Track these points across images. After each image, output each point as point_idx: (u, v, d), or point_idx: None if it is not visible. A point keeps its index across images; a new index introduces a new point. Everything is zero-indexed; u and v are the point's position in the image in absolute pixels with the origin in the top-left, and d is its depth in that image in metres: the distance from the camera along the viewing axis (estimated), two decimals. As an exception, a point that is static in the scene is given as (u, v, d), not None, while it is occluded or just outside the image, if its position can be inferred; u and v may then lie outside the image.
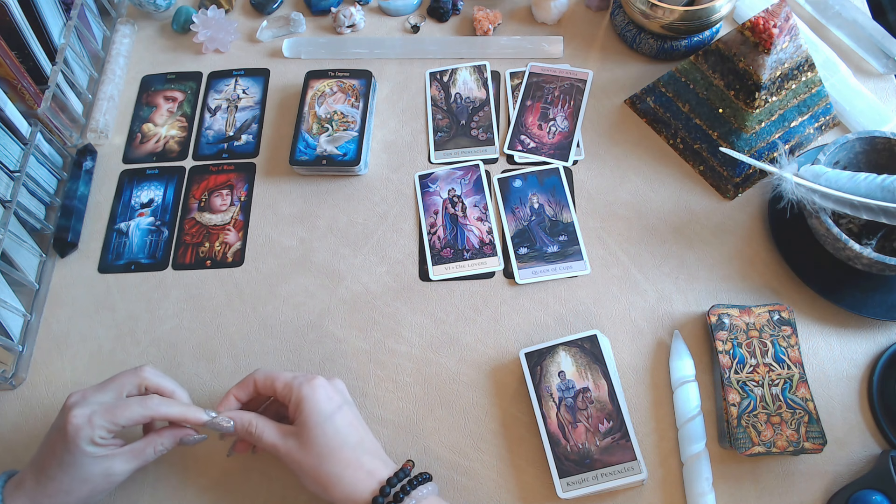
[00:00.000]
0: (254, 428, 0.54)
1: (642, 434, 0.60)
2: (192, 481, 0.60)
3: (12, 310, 0.65)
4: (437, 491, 0.53)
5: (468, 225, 0.71)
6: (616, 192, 0.72)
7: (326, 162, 0.73)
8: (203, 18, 0.83)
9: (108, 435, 0.51)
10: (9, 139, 0.67)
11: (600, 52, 0.81)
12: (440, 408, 0.62)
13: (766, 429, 0.56)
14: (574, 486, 0.56)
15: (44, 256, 0.70)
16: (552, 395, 0.59)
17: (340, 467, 0.51)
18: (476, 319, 0.66)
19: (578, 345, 0.61)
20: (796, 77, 0.68)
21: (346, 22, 0.83)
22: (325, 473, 0.51)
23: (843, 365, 0.62)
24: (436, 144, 0.76)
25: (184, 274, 0.70)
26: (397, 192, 0.74)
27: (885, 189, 0.59)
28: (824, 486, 0.57)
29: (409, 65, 0.82)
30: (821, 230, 0.61)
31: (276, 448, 0.53)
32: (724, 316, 0.61)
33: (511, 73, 0.80)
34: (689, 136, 0.73)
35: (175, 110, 0.80)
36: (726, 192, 0.71)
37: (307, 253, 0.71)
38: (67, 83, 0.76)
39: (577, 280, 0.67)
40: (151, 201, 0.75)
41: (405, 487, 0.51)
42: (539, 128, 0.76)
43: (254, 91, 0.81)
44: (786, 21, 0.64)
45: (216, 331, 0.67)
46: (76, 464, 0.50)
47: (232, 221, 0.73)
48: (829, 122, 0.73)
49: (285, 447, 0.52)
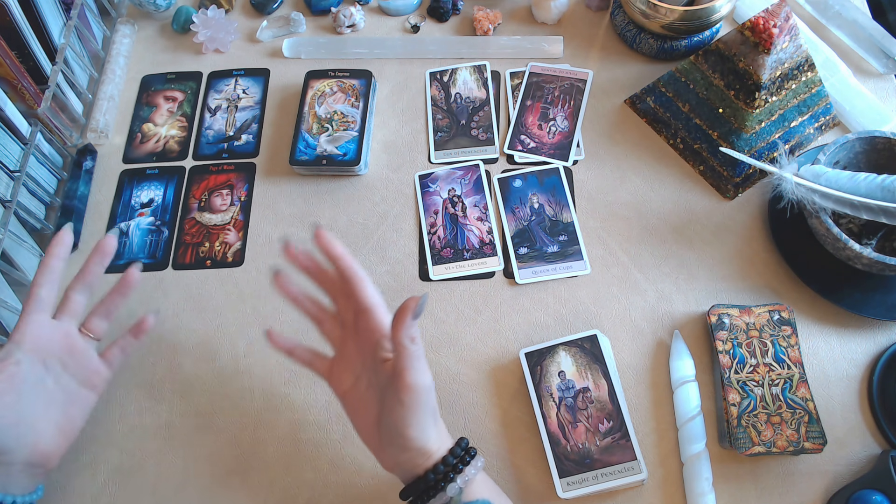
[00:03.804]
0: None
1: (642, 434, 0.60)
2: (192, 481, 0.60)
3: (12, 310, 0.65)
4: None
5: (468, 225, 0.71)
6: (616, 192, 0.72)
7: (326, 162, 0.73)
8: (203, 18, 0.83)
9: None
10: (9, 139, 0.67)
11: (600, 52, 0.81)
12: (440, 408, 0.62)
13: (766, 429, 0.56)
14: (574, 485, 0.56)
15: (44, 256, 0.70)
16: (552, 394, 0.59)
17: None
18: (476, 319, 0.66)
19: (578, 345, 0.61)
20: (796, 77, 0.68)
21: (346, 22, 0.83)
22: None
23: (843, 365, 0.62)
24: (436, 144, 0.76)
25: (184, 274, 0.70)
26: (397, 192, 0.74)
27: (885, 189, 0.59)
28: (824, 486, 0.57)
29: (409, 65, 0.82)
30: (821, 230, 0.61)
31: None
32: (724, 316, 0.61)
33: (511, 73, 0.80)
34: (689, 136, 0.73)
35: (175, 110, 0.80)
36: (726, 192, 0.71)
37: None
38: (67, 83, 0.76)
39: (577, 280, 0.67)
40: (151, 201, 0.75)
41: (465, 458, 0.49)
42: (539, 128, 0.76)
43: (254, 91, 0.81)
44: (786, 21, 0.64)
45: (216, 331, 0.67)
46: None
47: (232, 221, 0.73)
48: (829, 122, 0.73)
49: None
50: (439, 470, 0.48)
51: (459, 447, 0.50)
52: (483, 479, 0.50)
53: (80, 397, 0.57)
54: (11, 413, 0.51)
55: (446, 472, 0.48)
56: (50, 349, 0.56)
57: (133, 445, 0.62)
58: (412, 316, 0.47)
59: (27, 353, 0.54)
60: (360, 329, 0.52)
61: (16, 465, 0.51)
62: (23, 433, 0.52)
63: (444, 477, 0.48)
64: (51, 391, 0.55)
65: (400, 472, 0.50)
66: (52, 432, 0.54)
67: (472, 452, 0.50)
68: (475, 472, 0.49)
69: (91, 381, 0.58)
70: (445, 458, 0.48)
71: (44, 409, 0.54)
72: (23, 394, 0.52)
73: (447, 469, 0.48)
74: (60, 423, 0.55)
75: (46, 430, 0.53)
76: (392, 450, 0.49)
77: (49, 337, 0.56)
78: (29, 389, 0.53)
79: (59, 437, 0.54)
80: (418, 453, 0.48)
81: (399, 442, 0.48)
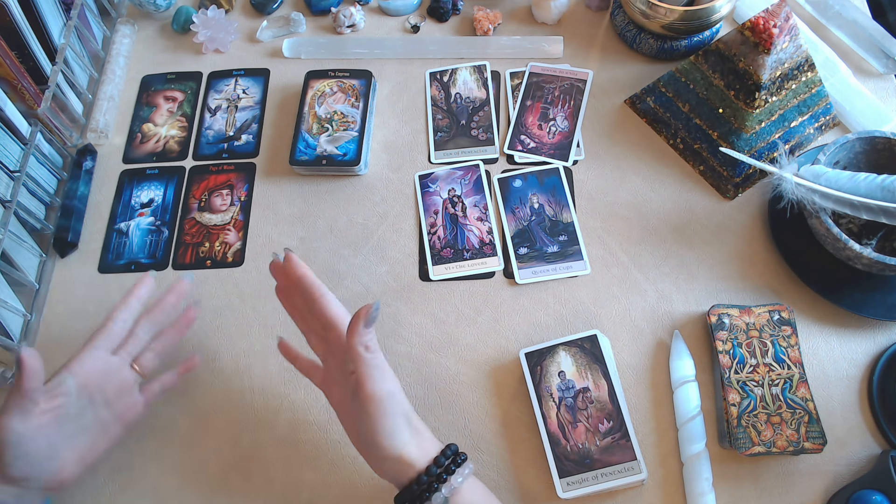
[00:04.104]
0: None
1: (642, 434, 0.60)
2: (192, 481, 0.60)
3: (12, 310, 0.65)
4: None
5: (468, 225, 0.71)
6: (616, 192, 0.72)
7: (326, 162, 0.73)
8: (203, 18, 0.83)
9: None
10: (9, 139, 0.67)
11: (600, 52, 0.81)
12: (440, 408, 0.62)
13: (766, 429, 0.56)
14: (574, 485, 0.56)
15: (44, 256, 0.70)
16: (552, 395, 0.59)
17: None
18: (476, 319, 0.66)
19: (578, 345, 0.61)
20: (796, 77, 0.68)
21: (346, 22, 0.83)
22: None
23: (843, 365, 0.62)
24: (436, 144, 0.76)
25: (184, 274, 0.70)
26: (397, 192, 0.74)
27: (885, 189, 0.59)
28: (824, 486, 0.57)
29: (409, 65, 0.82)
30: (821, 230, 0.61)
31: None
32: (724, 316, 0.61)
33: (511, 73, 0.80)
34: (689, 136, 0.73)
35: (175, 110, 0.80)
36: (726, 192, 0.71)
37: (307, 253, 0.71)
38: (67, 83, 0.76)
39: (577, 280, 0.67)
40: (151, 201, 0.75)
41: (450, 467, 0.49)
42: (539, 128, 0.76)
43: (254, 91, 0.81)
44: (786, 21, 0.64)
45: (216, 331, 0.67)
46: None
47: (232, 221, 0.73)
48: (829, 122, 0.73)
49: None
50: (422, 481, 0.47)
51: (445, 455, 0.49)
52: (473, 485, 0.49)
53: (111, 431, 0.56)
54: (48, 445, 0.51)
55: (430, 482, 0.47)
56: (101, 385, 0.55)
57: (133, 445, 0.62)
58: (364, 324, 0.47)
59: (78, 385, 0.54)
60: (331, 344, 0.53)
61: (33, 489, 0.52)
62: (50, 463, 0.52)
63: (427, 487, 0.47)
64: (87, 424, 0.55)
65: (389, 479, 0.50)
66: (75, 461, 0.54)
67: (461, 459, 0.49)
68: (461, 481, 0.48)
69: (126, 416, 0.57)
70: (429, 468, 0.48)
71: (74, 439, 0.54)
72: (61, 425, 0.53)
73: (430, 479, 0.47)
74: (85, 454, 0.54)
75: (70, 459, 0.53)
76: (372, 458, 0.50)
77: (104, 372, 0.56)
78: (68, 421, 0.53)
79: (79, 465, 0.54)
80: (397, 461, 0.48)
81: (375, 451, 0.48)
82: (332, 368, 0.54)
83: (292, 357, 0.57)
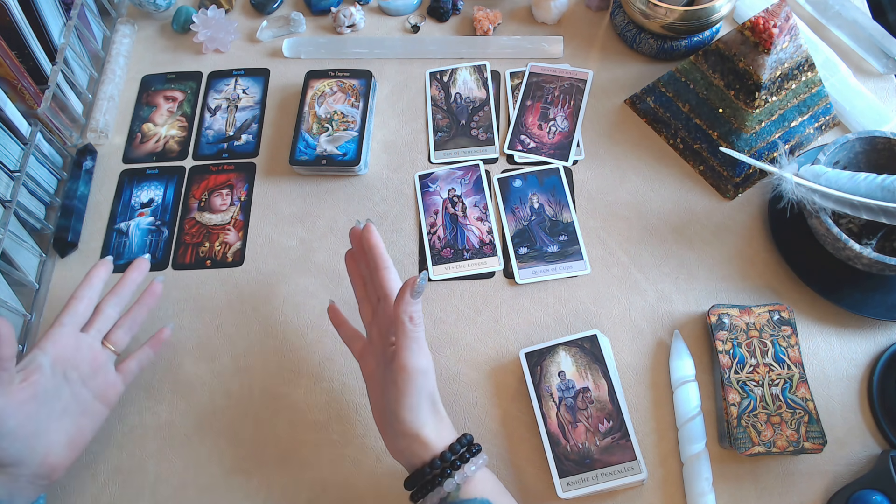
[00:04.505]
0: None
1: (642, 434, 0.60)
2: (191, 481, 0.60)
3: (12, 310, 0.65)
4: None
5: (468, 225, 0.71)
6: (616, 192, 0.72)
7: (326, 162, 0.73)
8: (203, 18, 0.83)
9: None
10: (9, 139, 0.67)
11: (600, 52, 0.81)
12: (440, 408, 0.62)
13: (766, 429, 0.56)
14: (574, 485, 0.56)
15: (44, 256, 0.70)
16: (552, 394, 0.59)
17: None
18: (476, 319, 0.66)
19: (578, 345, 0.61)
20: (796, 77, 0.68)
21: (346, 22, 0.83)
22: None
23: (843, 365, 0.62)
24: (436, 144, 0.76)
25: (184, 274, 0.70)
26: (397, 192, 0.74)
27: (885, 189, 0.59)
28: (824, 486, 0.57)
29: (409, 65, 0.82)
30: (821, 230, 0.61)
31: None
32: (724, 316, 0.61)
33: (511, 73, 0.80)
34: (689, 136, 0.73)
35: (175, 110, 0.80)
36: (726, 192, 0.71)
37: (307, 253, 0.71)
38: (67, 83, 0.76)
39: (577, 280, 0.67)
40: (151, 201, 0.75)
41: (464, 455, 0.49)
42: (539, 128, 0.76)
43: (254, 91, 0.81)
44: (786, 21, 0.64)
45: (216, 331, 0.67)
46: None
47: (232, 221, 0.73)
48: (829, 122, 0.73)
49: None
50: (436, 465, 0.48)
51: (460, 443, 0.49)
52: (485, 476, 0.50)
53: (94, 411, 0.57)
54: (30, 423, 0.51)
55: (444, 468, 0.48)
56: (73, 361, 0.56)
57: (133, 445, 0.62)
58: (410, 294, 0.49)
59: (51, 362, 0.54)
60: (380, 314, 0.55)
61: (24, 477, 0.51)
62: (36, 445, 0.52)
63: (441, 472, 0.48)
64: (67, 403, 0.55)
65: (403, 459, 0.50)
66: (62, 444, 0.54)
67: (476, 449, 0.50)
68: (475, 470, 0.49)
69: (106, 394, 0.58)
70: (444, 454, 0.48)
71: (58, 420, 0.54)
72: (41, 404, 0.52)
73: (444, 465, 0.48)
74: (71, 436, 0.55)
75: (57, 442, 0.53)
76: (391, 434, 0.50)
77: (75, 349, 0.56)
78: (47, 400, 0.53)
79: (68, 449, 0.54)
80: (414, 440, 0.49)
81: (395, 426, 0.49)
82: (374, 339, 0.55)
83: (339, 322, 0.59)
